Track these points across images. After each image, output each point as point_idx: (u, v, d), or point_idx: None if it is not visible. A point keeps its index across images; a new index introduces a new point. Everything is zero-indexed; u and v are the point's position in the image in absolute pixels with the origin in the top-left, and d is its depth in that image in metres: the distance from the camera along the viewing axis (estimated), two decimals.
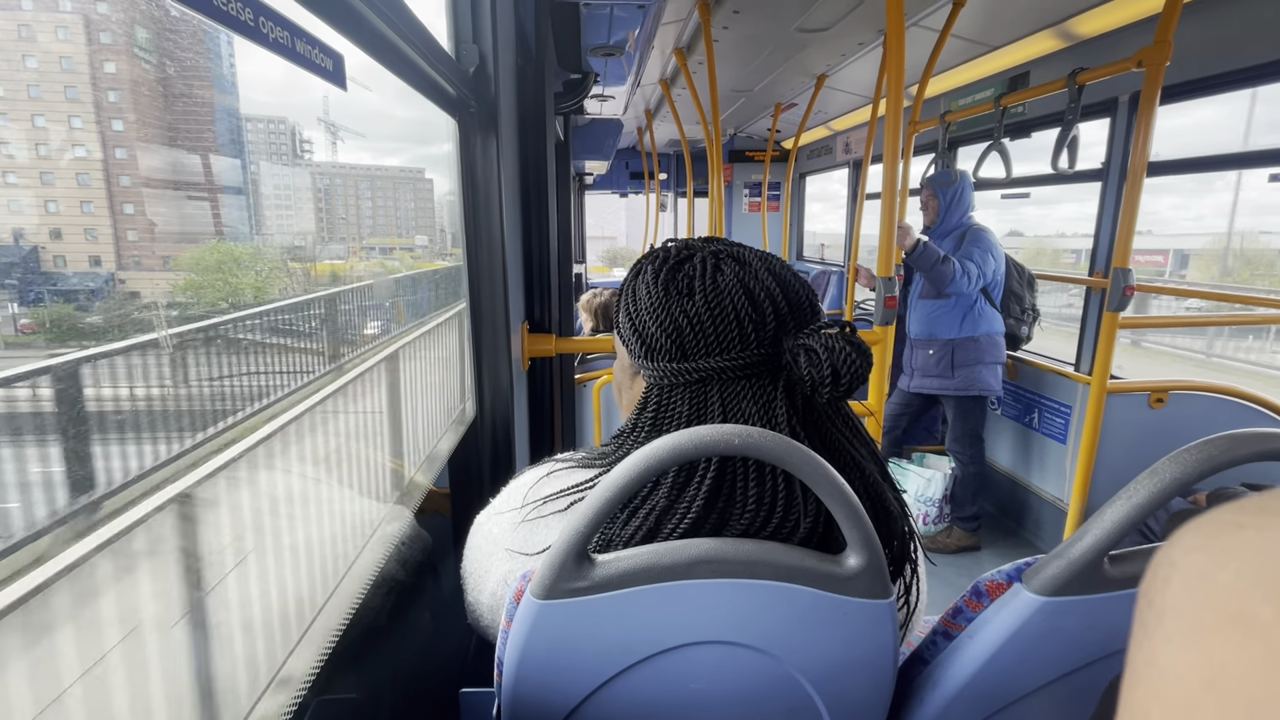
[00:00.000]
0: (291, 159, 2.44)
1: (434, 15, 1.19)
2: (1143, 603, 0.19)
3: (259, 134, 1.98)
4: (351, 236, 3.36)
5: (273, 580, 0.94)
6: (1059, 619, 0.57)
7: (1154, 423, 2.54)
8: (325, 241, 2.56)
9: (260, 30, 0.46)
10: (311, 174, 2.62)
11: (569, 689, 0.59)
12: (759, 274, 0.63)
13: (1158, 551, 0.19)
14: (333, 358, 1.76)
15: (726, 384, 0.62)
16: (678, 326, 0.63)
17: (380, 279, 2.62)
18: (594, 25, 1.87)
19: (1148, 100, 1.90)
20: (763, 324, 0.62)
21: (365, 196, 3.72)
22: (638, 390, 0.71)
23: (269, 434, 1.12)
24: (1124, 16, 2.36)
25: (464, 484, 1.42)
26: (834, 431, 0.64)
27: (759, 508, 0.59)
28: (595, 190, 7.20)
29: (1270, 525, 0.17)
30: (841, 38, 2.89)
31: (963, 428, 2.86)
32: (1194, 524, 0.19)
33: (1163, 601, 0.18)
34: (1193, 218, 42.55)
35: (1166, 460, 0.53)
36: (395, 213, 4.71)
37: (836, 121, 4.81)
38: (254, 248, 1.41)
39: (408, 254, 3.89)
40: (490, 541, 0.68)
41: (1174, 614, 0.17)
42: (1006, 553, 2.92)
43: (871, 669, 0.59)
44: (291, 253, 1.82)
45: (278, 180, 1.99)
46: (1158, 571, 0.19)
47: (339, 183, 3.16)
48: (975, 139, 3.31)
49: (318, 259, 2.22)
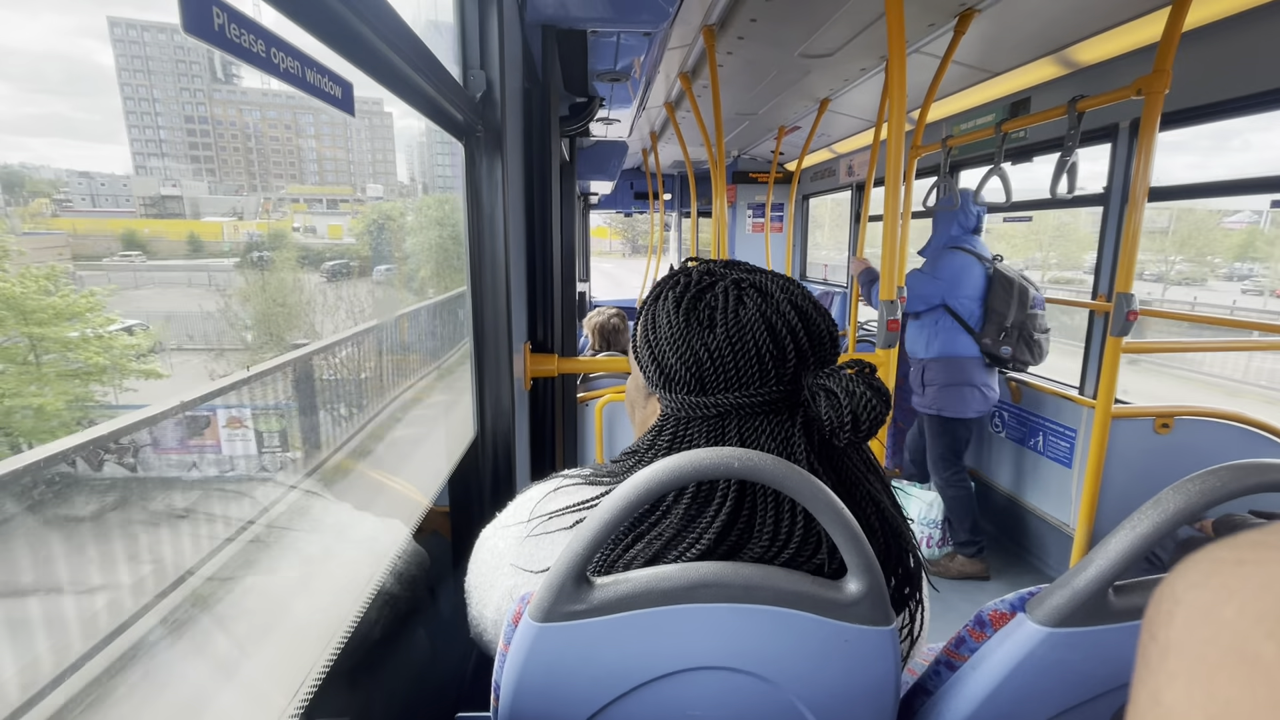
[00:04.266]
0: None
1: (442, 42, 1.22)
2: (1146, 636, 0.19)
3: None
4: (258, 185, 2.21)
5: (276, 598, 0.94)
6: (1063, 651, 0.57)
7: (1160, 448, 2.52)
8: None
9: (271, 61, 0.48)
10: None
11: (567, 714, 0.59)
12: (781, 307, 0.63)
13: (1161, 585, 0.19)
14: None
15: (745, 420, 0.62)
16: (698, 360, 0.62)
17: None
18: (600, 51, 1.91)
19: (1148, 127, 1.91)
20: (783, 361, 0.61)
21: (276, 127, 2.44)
22: (651, 411, 0.70)
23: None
24: (1123, 45, 2.39)
25: (464, 503, 1.42)
26: (851, 468, 0.63)
27: (775, 536, 0.58)
28: (600, 209, 7.27)
29: (1270, 560, 0.17)
30: (844, 63, 2.93)
31: (934, 449, 2.84)
32: (1195, 559, 0.19)
33: (1166, 637, 0.18)
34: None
35: (1170, 490, 0.53)
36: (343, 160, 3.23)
37: (839, 145, 4.86)
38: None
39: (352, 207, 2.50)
40: (495, 556, 0.68)
41: (1177, 651, 0.17)
42: (1012, 579, 2.88)
43: (873, 698, 0.58)
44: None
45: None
46: (1160, 606, 0.19)
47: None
48: (977, 163, 3.34)
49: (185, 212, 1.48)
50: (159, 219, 1.40)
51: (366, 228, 2.42)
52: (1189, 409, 2.49)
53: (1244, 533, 0.19)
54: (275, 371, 1.35)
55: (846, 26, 2.46)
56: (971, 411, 2.74)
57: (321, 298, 1.82)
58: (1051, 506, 2.91)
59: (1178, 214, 17.63)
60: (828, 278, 5.85)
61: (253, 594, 0.88)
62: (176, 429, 0.99)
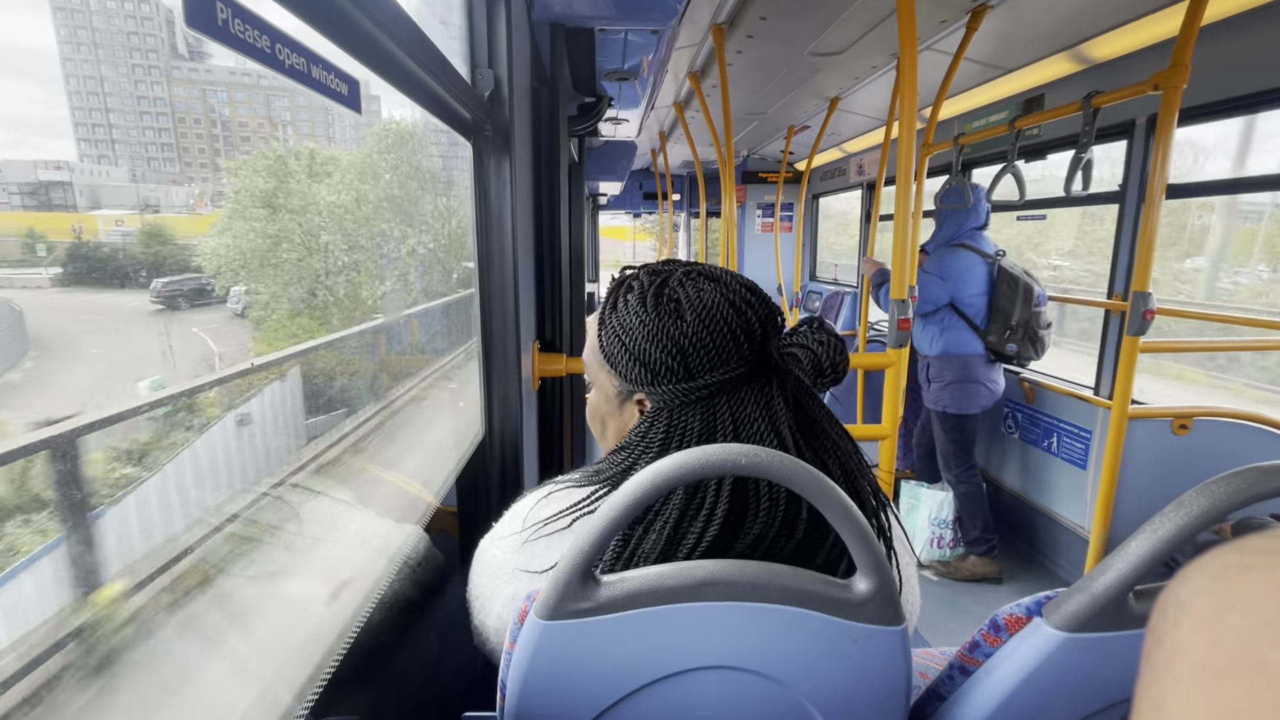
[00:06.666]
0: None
1: (450, 40, 1.22)
2: (1151, 641, 0.19)
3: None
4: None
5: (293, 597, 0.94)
6: (1081, 656, 0.55)
7: (1177, 449, 2.48)
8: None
9: (277, 57, 0.48)
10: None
11: (573, 713, 0.58)
12: (733, 287, 0.68)
13: (1165, 590, 0.19)
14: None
15: (732, 393, 0.66)
16: (680, 348, 0.65)
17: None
18: (609, 50, 1.91)
19: (1165, 123, 1.88)
20: (751, 333, 0.66)
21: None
22: (629, 417, 0.72)
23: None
24: (1140, 39, 2.36)
25: (472, 504, 1.42)
26: (818, 419, 0.68)
27: (771, 521, 0.60)
28: (609, 210, 7.29)
29: (1277, 566, 0.17)
30: (855, 61, 2.92)
31: (944, 446, 2.86)
32: (1200, 564, 0.18)
33: (1171, 642, 0.18)
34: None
35: (1194, 492, 0.51)
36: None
37: (850, 144, 4.83)
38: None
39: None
40: (495, 565, 0.68)
41: (1182, 656, 0.17)
42: (1025, 582, 2.85)
43: (883, 699, 0.58)
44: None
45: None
46: (1165, 611, 0.19)
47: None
48: (990, 161, 3.31)
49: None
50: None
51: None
52: (1208, 410, 2.45)
53: (1250, 537, 0.18)
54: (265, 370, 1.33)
55: (857, 24, 2.45)
56: (977, 407, 2.79)
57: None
58: (1066, 509, 2.87)
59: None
60: (838, 278, 5.82)
61: (262, 593, 0.89)
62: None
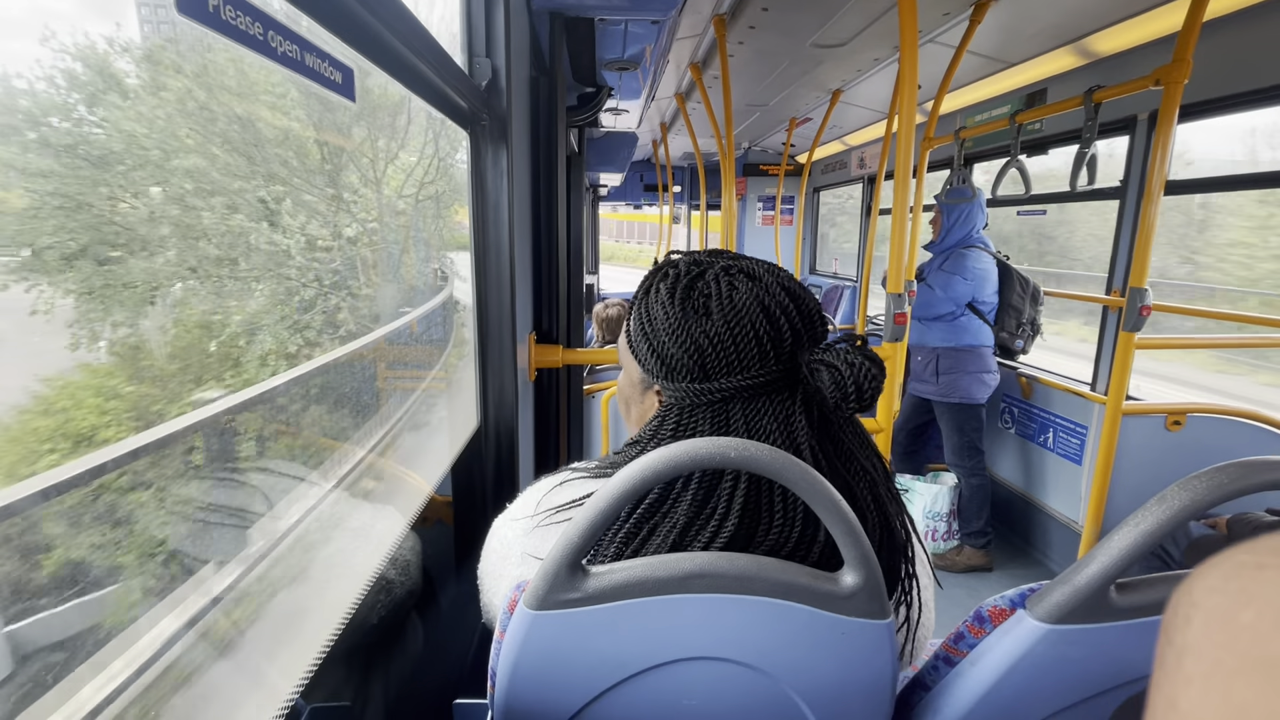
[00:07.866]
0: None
1: (447, 29, 1.21)
2: (1163, 640, 0.19)
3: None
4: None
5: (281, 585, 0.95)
6: (1063, 648, 0.56)
7: (1171, 445, 2.49)
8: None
9: (270, 45, 0.47)
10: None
11: (562, 702, 0.59)
12: (772, 289, 0.64)
13: (1179, 588, 0.19)
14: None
15: (748, 402, 0.63)
16: (699, 347, 0.63)
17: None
18: (609, 40, 1.89)
19: (1166, 119, 1.88)
20: (780, 340, 0.62)
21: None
22: (649, 406, 0.71)
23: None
24: (1142, 34, 2.34)
25: (466, 493, 1.42)
26: (848, 442, 0.65)
27: (785, 524, 0.59)
28: (609, 201, 7.26)
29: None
30: (857, 53, 2.90)
31: (957, 440, 2.89)
32: (1214, 562, 0.19)
33: (1183, 641, 0.18)
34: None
35: (1176, 487, 0.52)
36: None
37: (851, 136, 4.81)
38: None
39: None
40: (505, 545, 0.69)
41: (1194, 655, 0.17)
42: (1017, 574, 2.87)
43: (869, 691, 0.58)
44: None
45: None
46: (1178, 610, 0.19)
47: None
48: (991, 155, 3.30)
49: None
50: None
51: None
52: (1201, 406, 2.46)
53: (1265, 537, 0.18)
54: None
55: (859, 15, 2.43)
56: (983, 396, 2.85)
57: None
58: (1060, 503, 2.89)
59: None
60: (838, 271, 5.81)
61: (253, 579, 0.89)
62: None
